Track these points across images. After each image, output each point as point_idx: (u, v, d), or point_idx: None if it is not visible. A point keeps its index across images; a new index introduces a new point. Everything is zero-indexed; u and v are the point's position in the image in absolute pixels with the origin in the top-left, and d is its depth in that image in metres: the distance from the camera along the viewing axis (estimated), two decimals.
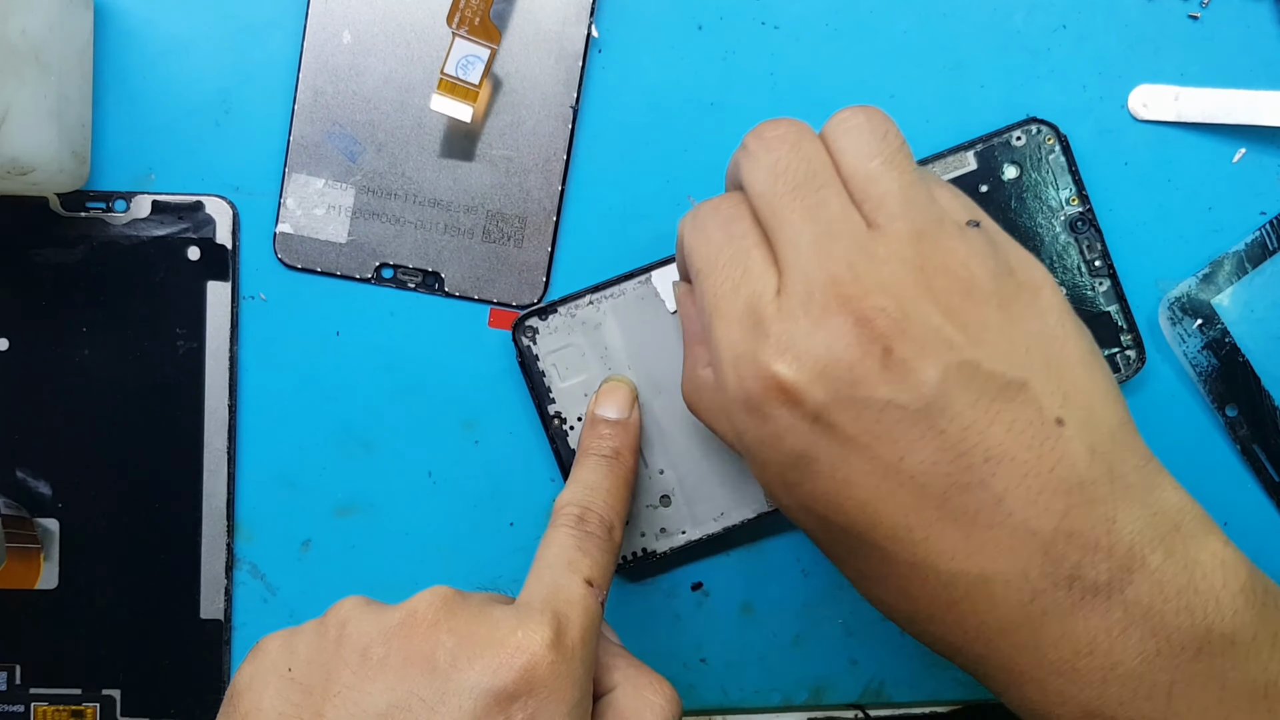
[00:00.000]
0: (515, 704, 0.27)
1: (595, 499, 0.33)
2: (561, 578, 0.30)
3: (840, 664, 0.40)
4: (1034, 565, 0.26)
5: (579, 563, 0.31)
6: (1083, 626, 0.26)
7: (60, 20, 0.35)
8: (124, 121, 0.38)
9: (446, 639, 0.28)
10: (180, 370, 0.38)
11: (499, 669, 0.27)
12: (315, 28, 0.38)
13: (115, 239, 0.38)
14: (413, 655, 0.27)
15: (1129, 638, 0.26)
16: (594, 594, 0.30)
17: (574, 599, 0.29)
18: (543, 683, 0.27)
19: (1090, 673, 0.27)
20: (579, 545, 0.31)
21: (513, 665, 0.27)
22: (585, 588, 0.30)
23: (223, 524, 0.39)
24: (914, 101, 0.38)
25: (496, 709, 0.27)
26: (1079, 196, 0.37)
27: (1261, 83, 0.38)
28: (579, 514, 0.32)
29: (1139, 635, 0.26)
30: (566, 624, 0.28)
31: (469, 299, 0.38)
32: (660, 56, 0.38)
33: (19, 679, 0.39)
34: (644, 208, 0.38)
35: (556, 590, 0.30)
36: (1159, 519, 0.27)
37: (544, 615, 0.28)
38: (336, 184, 0.38)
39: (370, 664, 0.27)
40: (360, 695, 0.27)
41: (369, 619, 0.28)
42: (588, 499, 0.33)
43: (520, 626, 0.28)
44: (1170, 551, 0.27)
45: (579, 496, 0.33)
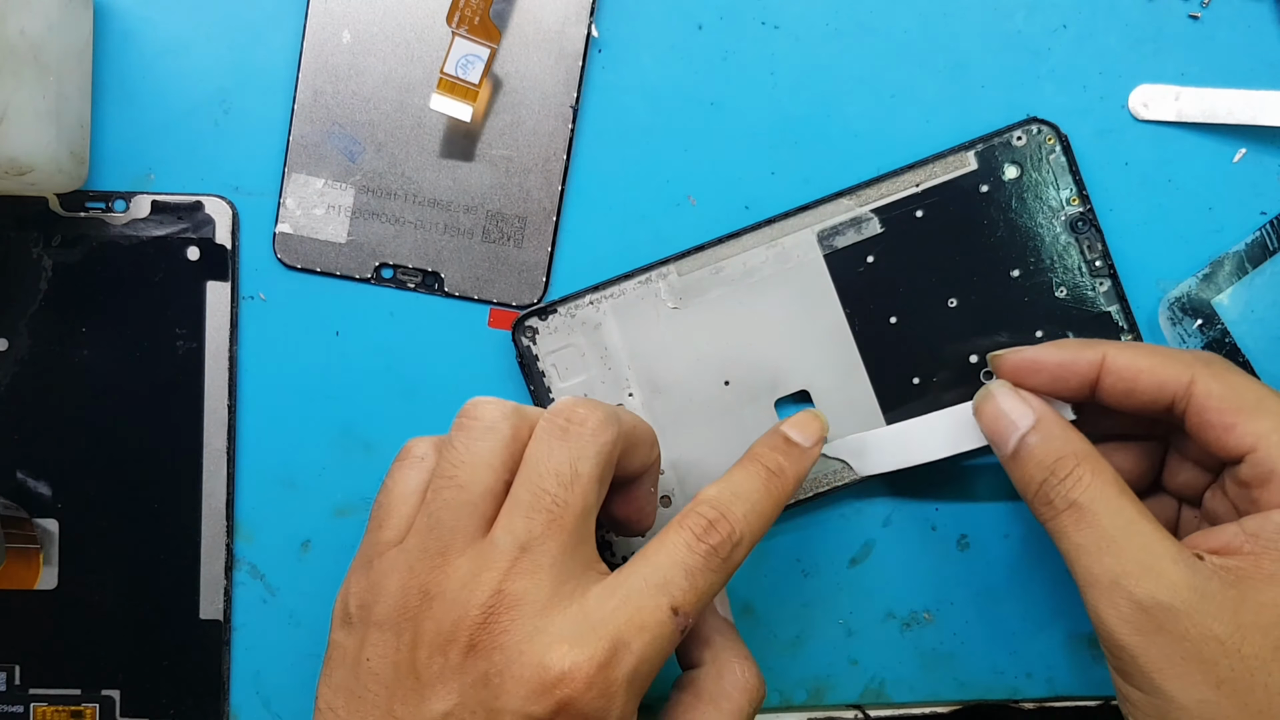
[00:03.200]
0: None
1: (736, 508, 0.31)
2: (647, 597, 0.29)
3: (840, 664, 0.40)
4: None
5: (674, 583, 0.30)
6: None
7: (59, 20, 0.35)
8: (123, 121, 0.38)
9: (499, 658, 0.29)
10: (180, 370, 0.38)
11: (540, 698, 0.28)
12: (315, 28, 0.38)
13: (115, 239, 0.38)
14: (470, 668, 0.29)
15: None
16: (676, 622, 0.29)
17: (646, 625, 0.29)
18: (579, 711, 0.28)
19: None
20: (686, 561, 0.30)
21: (552, 696, 0.28)
22: (667, 615, 0.29)
23: (222, 524, 0.39)
24: (914, 101, 0.38)
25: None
26: (1079, 196, 0.37)
27: (1261, 83, 0.38)
28: (711, 520, 0.31)
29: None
30: (622, 653, 0.29)
31: (469, 299, 0.38)
32: (660, 56, 0.38)
33: (19, 679, 0.39)
34: (644, 208, 0.38)
35: (634, 610, 0.29)
36: None
37: (600, 642, 0.28)
38: (336, 184, 0.38)
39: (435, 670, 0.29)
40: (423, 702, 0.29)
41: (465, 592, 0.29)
42: (728, 504, 0.31)
43: (569, 654, 0.28)
44: None
45: (721, 498, 0.31)
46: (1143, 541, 0.30)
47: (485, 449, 0.31)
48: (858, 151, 0.38)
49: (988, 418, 0.34)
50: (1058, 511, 0.31)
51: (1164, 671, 0.29)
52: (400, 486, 0.32)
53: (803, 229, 0.37)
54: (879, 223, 0.37)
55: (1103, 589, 0.30)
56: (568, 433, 0.30)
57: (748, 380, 0.38)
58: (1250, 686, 0.28)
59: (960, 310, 0.37)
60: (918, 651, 0.39)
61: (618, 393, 0.38)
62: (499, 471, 0.31)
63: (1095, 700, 0.40)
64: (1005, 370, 0.34)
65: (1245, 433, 0.30)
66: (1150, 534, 0.30)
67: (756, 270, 0.37)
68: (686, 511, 0.31)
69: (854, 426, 0.38)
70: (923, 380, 0.37)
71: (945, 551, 0.39)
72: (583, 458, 0.30)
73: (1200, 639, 0.28)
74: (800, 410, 0.36)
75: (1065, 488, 0.31)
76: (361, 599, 0.31)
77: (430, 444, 0.32)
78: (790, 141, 0.38)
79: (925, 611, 0.39)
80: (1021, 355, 0.34)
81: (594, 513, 0.31)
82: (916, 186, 0.37)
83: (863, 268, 0.37)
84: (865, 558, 0.39)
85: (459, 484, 0.30)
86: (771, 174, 0.38)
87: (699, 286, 0.37)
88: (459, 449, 0.31)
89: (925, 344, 0.37)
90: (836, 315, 0.37)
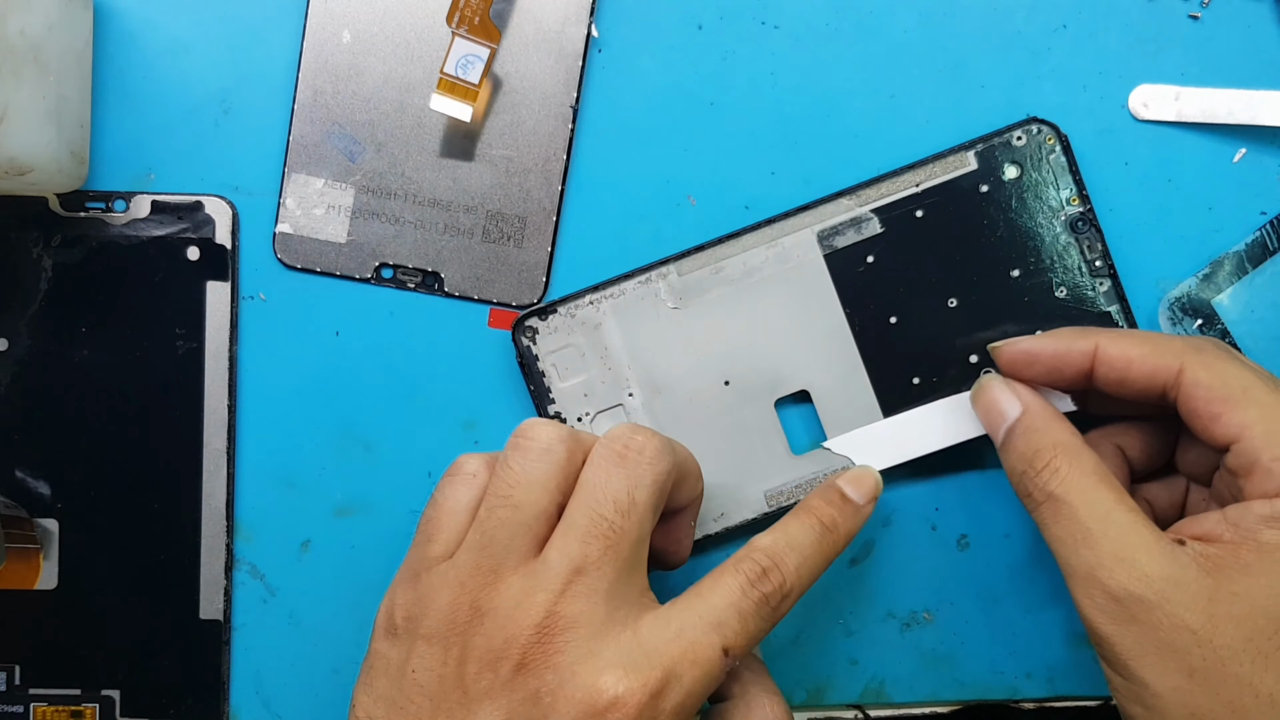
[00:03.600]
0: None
1: (789, 559, 0.32)
2: (701, 634, 0.30)
3: (840, 664, 0.40)
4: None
5: (728, 625, 0.30)
6: None
7: (59, 20, 0.35)
8: (123, 121, 0.38)
9: (550, 678, 0.29)
10: (180, 370, 0.38)
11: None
12: (315, 28, 0.38)
13: (115, 239, 0.38)
14: (520, 685, 0.29)
15: None
16: (724, 664, 0.30)
17: (698, 661, 0.29)
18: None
19: None
20: (739, 605, 0.31)
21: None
22: (718, 654, 0.30)
23: (222, 524, 0.39)
24: (914, 101, 0.38)
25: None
26: (1079, 196, 0.37)
27: (1261, 83, 0.38)
28: (765, 568, 0.31)
29: None
30: (673, 685, 0.29)
31: (469, 299, 0.38)
32: (660, 56, 0.38)
33: (19, 679, 0.39)
34: (644, 208, 0.38)
35: (689, 645, 0.30)
36: None
37: (653, 672, 0.29)
38: (336, 184, 0.38)
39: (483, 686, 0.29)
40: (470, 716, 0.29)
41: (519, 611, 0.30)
42: (782, 555, 0.32)
43: (624, 679, 0.29)
44: None
45: (776, 548, 0.32)
46: (1118, 532, 0.30)
47: (541, 470, 0.31)
48: (858, 151, 0.38)
49: (981, 409, 0.35)
50: (1037, 504, 0.32)
51: (1139, 660, 0.29)
52: (450, 502, 0.32)
53: (803, 229, 0.37)
54: (879, 223, 0.37)
55: (1079, 580, 0.30)
56: (625, 459, 0.31)
57: (748, 380, 0.38)
58: (1222, 677, 0.28)
59: (960, 310, 0.37)
60: (918, 651, 0.39)
61: (618, 393, 0.38)
62: (553, 494, 0.31)
63: (1095, 700, 0.40)
64: (1002, 362, 0.35)
65: (1230, 423, 0.30)
66: (1127, 524, 0.30)
67: (756, 270, 0.37)
68: (741, 557, 0.32)
69: (854, 427, 0.38)
70: (923, 380, 0.37)
71: (945, 551, 0.39)
72: (640, 486, 0.31)
73: (1172, 629, 0.29)
74: (854, 468, 0.36)
75: (1043, 479, 0.32)
76: (408, 611, 0.31)
77: (482, 461, 0.33)
78: (790, 141, 0.38)
79: (925, 611, 0.39)
80: (1017, 347, 0.34)
81: (647, 541, 0.31)
82: (916, 186, 0.37)
83: (863, 268, 0.37)
84: (865, 557, 0.39)
85: (514, 504, 0.31)
86: (771, 174, 0.38)
87: (699, 286, 0.37)
88: (515, 469, 0.31)
89: (925, 344, 0.37)
90: (836, 315, 0.37)
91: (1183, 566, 0.29)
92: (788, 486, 0.38)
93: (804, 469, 0.38)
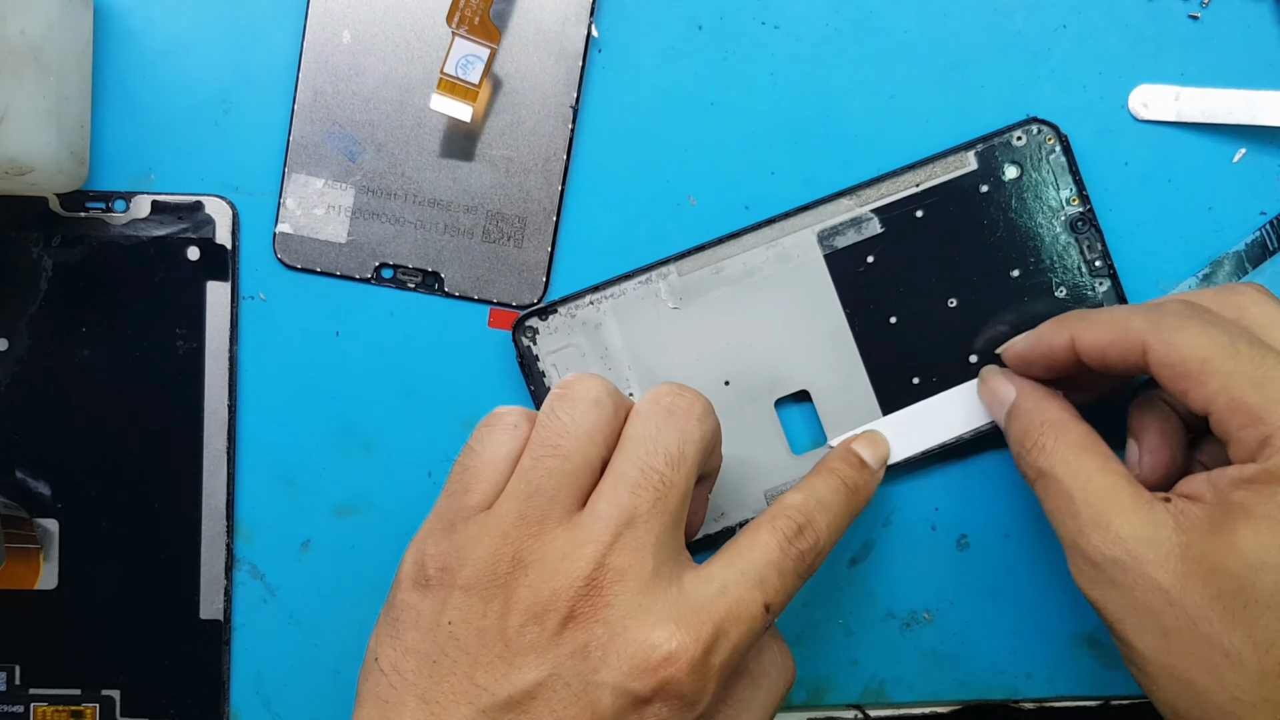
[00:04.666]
0: (649, 707, 0.28)
1: (821, 518, 0.32)
2: (746, 590, 0.30)
3: (840, 664, 0.40)
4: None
5: (770, 581, 0.30)
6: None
7: (60, 20, 0.35)
8: (123, 121, 0.38)
9: (601, 632, 0.28)
10: (180, 370, 0.38)
11: (642, 675, 0.28)
12: (315, 28, 0.38)
13: (115, 239, 0.38)
14: (568, 639, 0.29)
15: None
16: (765, 620, 0.30)
17: (744, 617, 0.29)
18: (678, 693, 0.28)
19: None
20: (780, 562, 0.30)
21: (656, 676, 0.28)
22: (761, 612, 0.30)
23: (222, 524, 0.39)
24: (914, 101, 0.38)
25: (631, 710, 0.28)
26: (1079, 196, 0.37)
27: (1261, 83, 0.38)
28: (800, 525, 0.31)
29: None
30: (723, 641, 0.29)
31: (469, 299, 0.38)
32: (660, 56, 0.38)
33: (19, 679, 0.39)
34: (644, 208, 0.38)
35: (734, 601, 0.29)
36: None
37: (704, 627, 0.28)
38: (336, 184, 0.38)
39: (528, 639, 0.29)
40: (511, 670, 0.28)
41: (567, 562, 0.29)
42: (815, 513, 0.32)
43: (676, 635, 0.28)
44: None
45: (808, 506, 0.32)
46: (1096, 497, 0.30)
47: (590, 422, 0.30)
48: (858, 151, 0.38)
49: (985, 399, 0.36)
50: (1032, 481, 0.33)
51: (1122, 622, 0.30)
52: (490, 451, 0.31)
53: (803, 229, 0.37)
54: (879, 223, 0.37)
55: (1067, 549, 0.31)
56: (674, 414, 0.31)
57: (748, 380, 0.38)
58: (1194, 637, 0.28)
59: (960, 310, 0.37)
60: (918, 651, 0.39)
61: None
62: (600, 448, 0.30)
63: (1095, 700, 0.40)
64: (1009, 365, 0.35)
65: (1196, 398, 0.30)
66: (1105, 488, 0.30)
67: (756, 270, 0.37)
68: (775, 514, 0.31)
69: (854, 426, 0.38)
70: (923, 380, 0.37)
71: (945, 551, 0.39)
72: (689, 441, 0.30)
73: (1147, 590, 0.29)
74: (864, 431, 0.37)
75: (1033, 457, 0.32)
76: (444, 562, 0.30)
77: (522, 413, 0.32)
78: (790, 141, 0.38)
79: (925, 611, 0.39)
80: (1012, 351, 0.35)
81: (689, 499, 0.31)
82: (916, 186, 0.37)
83: (863, 268, 0.37)
84: (865, 557, 0.39)
85: (563, 454, 0.30)
86: (771, 174, 0.38)
87: (699, 286, 0.37)
88: (564, 419, 0.30)
89: (925, 344, 0.37)
90: (836, 315, 0.37)
91: (1158, 525, 0.29)
92: (788, 486, 0.38)
93: (804, 469, 0.38)
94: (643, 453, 0.30)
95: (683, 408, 0.31)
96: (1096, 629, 0.39)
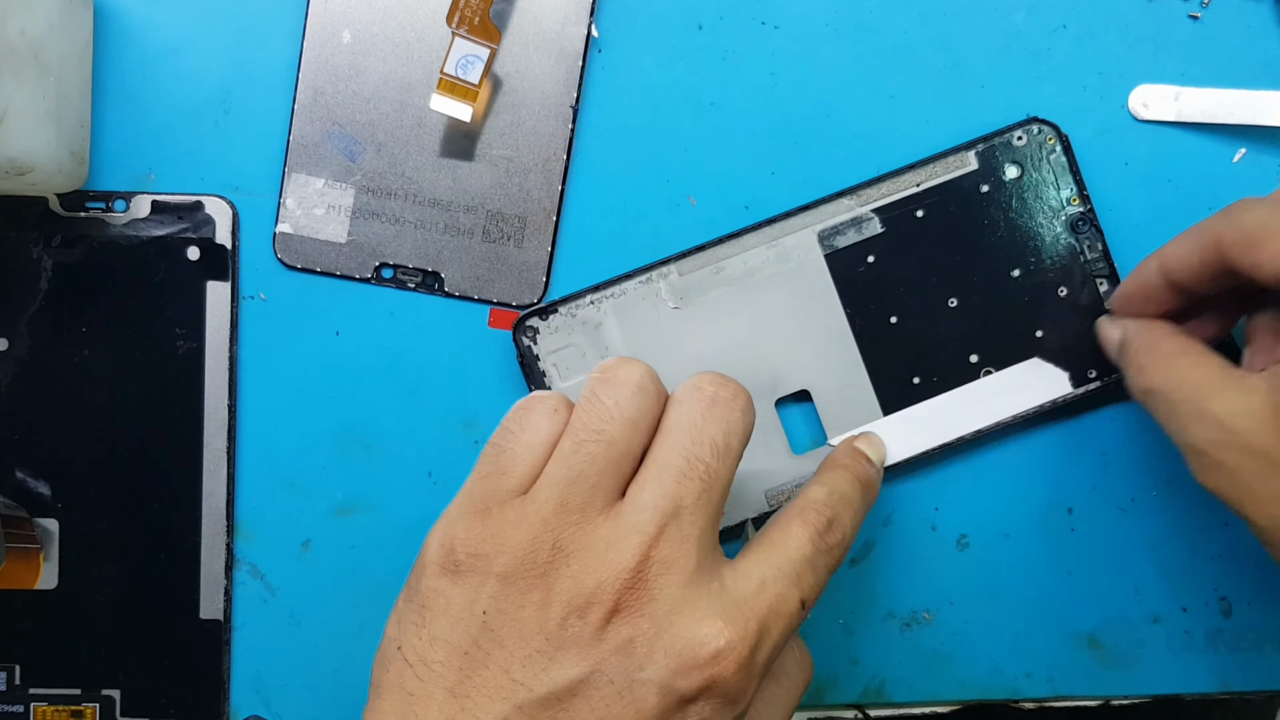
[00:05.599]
0: (693, 705, 0.27)
1: (845, 513, 0.31)
2: (784, 586, 0.29)
3: (840, 664, 0.40)
4: None
5: (805, 578, 0.29)
6: None
7: (60, 20, 0.35)
8: (123, 121, 0.38)
9: (646, 627, 0.27)
10: (180, 370, 0.38)
11: (690, 673, 0.27)
12: (315, 28, 0.38)
13: (115, 239, 0.38)
14: (613, 634, 0.28)
15: None
16: (801, 617, 0.29)
17: (784, 614, 0.29)
18: (724, 692, 0.27)
19: None
20: (813, 559, 0.30)
21: (704, 674, 0.27)
22: (798, 608, 0.29)
23: (222, 524, 0.39)
24: (914, 101, 0.38)
25: (675, 708, 0.27)
26: (1080, 196, 0.37)
27: (1261, 83, 0.38)
28: (829, 520, 0.31)
29: None
30: (765, 639, 0.28)
31: (469, 299, 0.38)
32: (660, 56, 0.38)
33: (19, 679, 0.39)
34: (644, 208, 0.38)
35: (775, 598, 0.29)
36: None
37: (750, 624, 0.28)
38: (336, 184, 0.38)
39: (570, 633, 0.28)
40: (552, 665, 0.27)
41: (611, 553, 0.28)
42: (840, 508, 0.31)
43: (724, 632, 0.27)
44: None
45: (833, 500, 0.31)
46: (1191, 392, 0.31)
47: (636, 407, 0.29)
48: (858, 151, 0.38)
49: (1104, 349, 0.36)
50: (1143, 405, 0.33)
51: (1241, 502, 0.30)
52: (529, 435, 0.30)
53: (803, 229, 0.37)
54: (879, 223, 0.37)
55: (1183, 453, 0.31)
56: (717, 404, 0.30)
57: (748, 380, 0.37)
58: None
59: (960, 310, 0.37)
60: (918, 651, 0.39)
61: None
62: (644, 435, 0.30)
63: (1095, 700, 0.40)
64: (1116, 312, 0.36)
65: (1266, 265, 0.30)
66: (1198, 380, 0.31)
67: (757, 270, 0.37)
68: (804, 507, 0.31)
69: (854, 426, 0.38)
70: (923, 380, 0.37)
71: (945, 551, 0.39)
72: (734, 432, 0.30)
73: (1252, 459, 0.29)
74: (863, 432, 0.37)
75: (1136, 382, 0.33)
76: (477, 548, 0.29)
77: (560, 398, 0.31)
78: (790, 141, 0.38)
79: (925, 611, 0.39)
80: (1116, 296, 0.36)
81: (728, 493, 0.30)
82: (917, 186, 0.37)
83: (863, 268, 0.37)
84: (865, 558, 0.39)
85: (608, 439, 0.29)
86: (771, 174, 0.38)
87: (699, 286, 0.37)
88: (608, 404, 0.29)
89: (925, 344, 0.37)
90: (837, 315, 0.37)
91: (1250, 394, 0.30)
92: (788, 486, 0.38)
93: (804, 468, 0.38)
94: (689, 442, 0.29)
95: (726, 398, 0.30)
96: (1096, 629, 0.39)
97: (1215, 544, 0.39)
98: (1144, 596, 0.39)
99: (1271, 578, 0.39)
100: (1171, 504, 0.39)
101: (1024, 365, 0.37)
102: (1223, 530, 0.39)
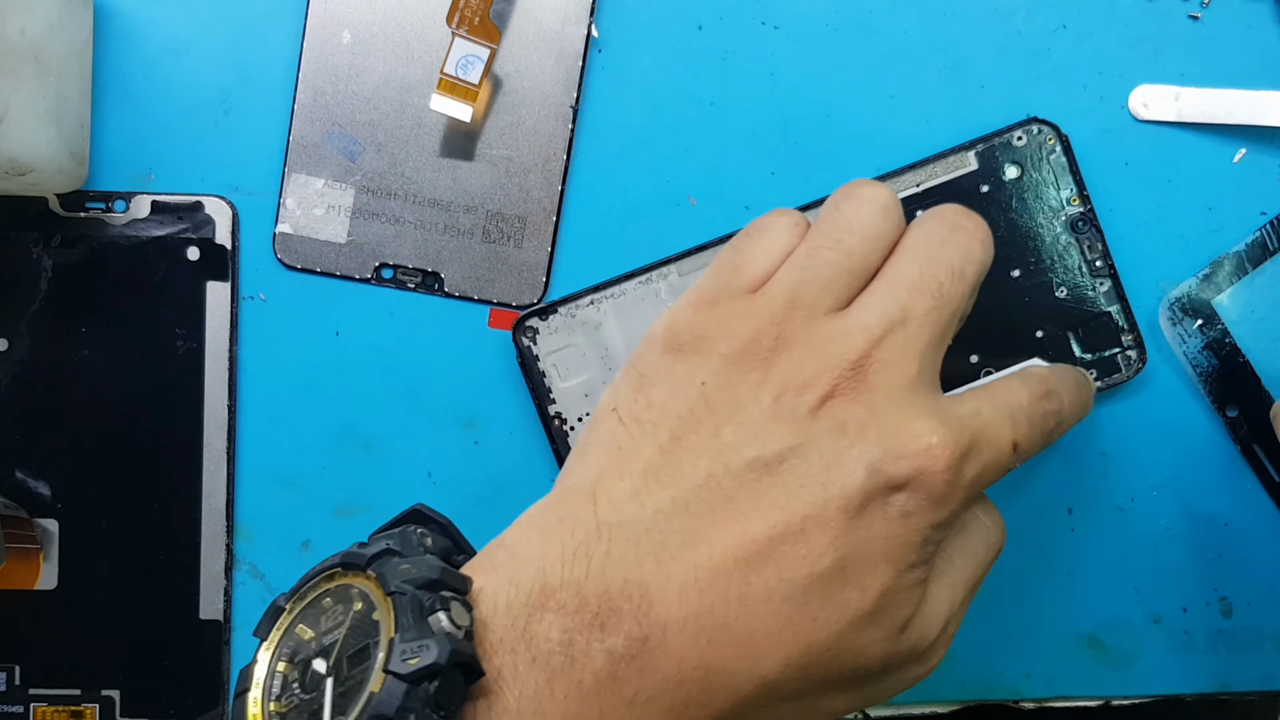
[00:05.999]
0: (897, 495, 0.27)
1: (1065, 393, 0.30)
2: (999, 419, 0.28)
3: None
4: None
5: (1020, 422, 0.29)
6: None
7: (60, 20, 0.35)
8: (123, 121, 0.38)
9: (861, 412, 0.27)
10: (180, 370, 0.38)
11: (899, 460, 0.27)
12: (315, 28, 0.38)
13: (115, 239, 0.38)
14: (826, 415, 0.27)
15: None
16: (1011, 460, 0.29)
17: (994, 442, 0.28)
18: (929, 488, 0.27)
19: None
20: (1029, 410, 0.29)
21: (913, 463, 0.27)
22: (1009, 446, 0.28)
23: (222, 524, 0.39)
24: (914, 101, 0.38)
25: (880, 492, 0.27)
26: (1080, 196, 0.37)
27: (1261, 83, 0.38)
28: (1049, 389, 0.30)
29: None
30: (974, 455, 0.27)
31: (469, 299, 0.38)
32: (660, 56, 0.38)
33: (18, 679, 0.39)
34: (644, 208, 0.38)
35: (988, 424, 0.28)
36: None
37: (963, 434, 0.27)
38: (336, 184, 0.38)
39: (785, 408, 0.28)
40: (763, 433, 0.27)
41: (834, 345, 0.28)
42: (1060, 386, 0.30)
43: (937, 430, 0.27)
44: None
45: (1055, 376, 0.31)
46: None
47: (877, 224, 0.29)
48: (858, 151, 0.38)
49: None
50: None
51: None
52: (768, 241, 0.30)
53: None
54: None
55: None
56: (959, 231, 0.30)
57: None
58: None
59: None
60: None
61: None
62: (880, 253, 0.29)
63: (1095, 700, 0.40)
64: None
65: None
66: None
67: None
68: (1026, 374, 0.30)
69: None
70: None
71: None
72: (971, 261, 0.29)
73: None
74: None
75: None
76: (702, 330, 0.29)
77: (801, 216, 0.31)
78: (790, 141, 0.38)
79: None
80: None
81: (957, 324, 0.30)
82: (917, 186, 0.37)
83: None
84: None
85: (846, 249, 0.29)
86: (771, 174, 0.38)
87: None
88: (850, 217, 0.29)
89: None
90: None
91: None
92: None
93: None
94: (925, 259, 0.29)
95: (969, 227, 0.30)
96: (1096, 629, 0.39)
97: (1215, 544, 0.39)
98: (1144, 596, 0.39)
99: (1271, 578, 0.39)
100: (1171, 504, 0.39)
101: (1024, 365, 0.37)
102: (1223, 530, 0.39)
